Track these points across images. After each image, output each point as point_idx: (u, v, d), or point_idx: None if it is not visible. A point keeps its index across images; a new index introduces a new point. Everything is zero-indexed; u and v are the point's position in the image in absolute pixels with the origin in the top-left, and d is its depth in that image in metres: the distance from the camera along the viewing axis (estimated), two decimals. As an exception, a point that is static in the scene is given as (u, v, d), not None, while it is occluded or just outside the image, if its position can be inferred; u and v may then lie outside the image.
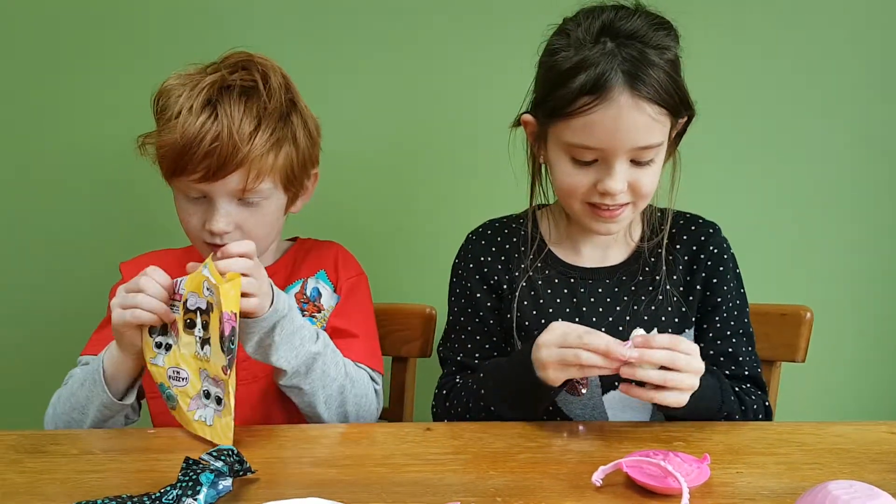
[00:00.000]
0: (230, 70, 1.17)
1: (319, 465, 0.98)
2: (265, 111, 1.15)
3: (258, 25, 1.61)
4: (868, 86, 1.61)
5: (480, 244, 1.24)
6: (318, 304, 1.26)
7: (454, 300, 1.25)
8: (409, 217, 1.69)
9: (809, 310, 1.32)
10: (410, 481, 0.93)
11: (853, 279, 1.69)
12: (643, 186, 1.09)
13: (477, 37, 1.60)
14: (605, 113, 1.04)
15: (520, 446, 1.01)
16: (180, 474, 0.89)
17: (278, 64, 1.21)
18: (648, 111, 1.04)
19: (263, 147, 1.14)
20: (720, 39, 1.59)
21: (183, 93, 1.14)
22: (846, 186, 1.65)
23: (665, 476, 0.88)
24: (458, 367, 1.22)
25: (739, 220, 1.60)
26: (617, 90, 1.03)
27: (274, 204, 1.20)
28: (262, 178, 1.15)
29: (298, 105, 1.21)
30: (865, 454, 0.97)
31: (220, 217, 1.15)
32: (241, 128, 1.12)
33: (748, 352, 1.18)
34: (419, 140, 1.66)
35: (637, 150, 1.06)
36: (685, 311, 1.17)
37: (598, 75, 1.03)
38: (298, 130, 1.20)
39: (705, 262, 1.18)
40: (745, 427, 1.07)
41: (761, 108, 1.62)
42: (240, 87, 1.15)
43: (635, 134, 1.05)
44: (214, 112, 1.13)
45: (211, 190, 1.15)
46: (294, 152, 1.19)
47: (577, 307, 1.18)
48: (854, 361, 1.72)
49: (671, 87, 1.05)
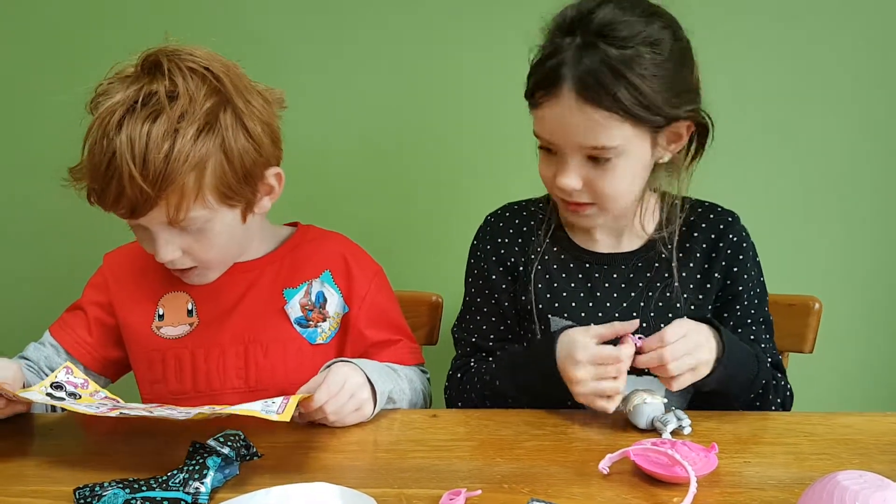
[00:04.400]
0: (138, 84, 1.02)
1: (326, 451, 0.98)
2: (175, 132, 1.00)
3: (257, 22, 1.61)
4: (884, 78, 1.60)
5: (498, 226, 1.24)
6: (323, 311, 1.20)
7: (471, 281, 1.25)
8: (415, 205, 1.69)
9: (818, 300, 1.31)
10: (417, 467, 0.93)
11: (861, 270, 1.68)
12: (602, 187, 1.07)
13: (489, 17, 1.59)
14: (552, 109, 1.04)
15: (527, 434, 1.01)
16: (187, 458, 0.89)
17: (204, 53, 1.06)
18: (594, 116, 1.01)
19: (177, 176, 1.00)
20: (736, 30, 1.58)
21: (94, 121, 1.03)
22: (857, 177, 1.64)
23: (672, 465, 0.88)
24: (472, 349, 1.22)
25: (749, 210, 1.59)
26: (565, 89, 1.02)
27: (219, 224, 1.08)
28: (186, 207, 1.02)
29: (232, 104, 1.04)
30: (875, 445, 0.97)
31: (161, 248, 1.07)
32: (147, 163, 0.99)
33: (768, 339, 1.18)
34: (423, 127, 1.65)
35: (590, 149, 1.05)
36: (702, 298, 1.17)
37: (552, 71, 1.02)
38: (231, 137, 1.03)
39: (724, 251, 1.17)
40: (752, 417, 1.06)
41: (774, 99, 1.61)
42: (143, 110, 1.00)
43: (581, 134, 1.03)
44: (114, 150, 0.99)
45: (142, 223, 1.06)
46: (225, 165, 1.04)
47: (591, 291, 1.18)
48: (862, 352, 1.72)
49: (631, 93, 1.00)
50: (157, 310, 1.19)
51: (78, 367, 1.16)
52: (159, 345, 1.18)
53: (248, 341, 1.18)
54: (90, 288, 1.23)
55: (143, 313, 1.19)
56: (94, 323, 1.21)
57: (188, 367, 1.18)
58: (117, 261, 1.24)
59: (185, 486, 0.86)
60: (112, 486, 0.85)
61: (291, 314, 1.19)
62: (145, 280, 1.20)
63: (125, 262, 1.23)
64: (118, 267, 1.23)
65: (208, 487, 0.86)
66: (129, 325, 1.20)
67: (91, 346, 1.21)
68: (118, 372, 1.25)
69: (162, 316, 1.19)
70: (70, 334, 1.20)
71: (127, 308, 1.20)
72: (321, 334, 1.20)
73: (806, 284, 1.42)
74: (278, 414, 0.90)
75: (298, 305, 1.19)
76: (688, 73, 1.07)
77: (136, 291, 1.20)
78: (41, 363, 1.18)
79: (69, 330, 1.21)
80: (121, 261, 1.24)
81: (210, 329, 1.18)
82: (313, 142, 1.60)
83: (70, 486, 0.87)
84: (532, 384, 1.08)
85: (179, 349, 1.18)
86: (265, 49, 1.59)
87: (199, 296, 1.19)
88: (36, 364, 1.18)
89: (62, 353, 1.19)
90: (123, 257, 1.24)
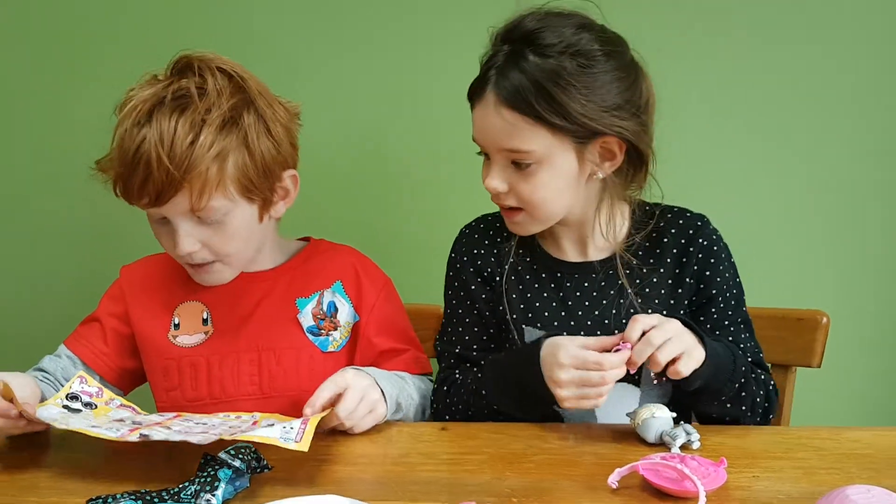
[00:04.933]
0: (168, 81, 1.09)
1: (336, 463, 0.98)
2: (202, 122, 1.06)
3: (264, 26, 1.64)
4: (892, 88, 1.60)
5: (473, 237, 1.26)
6: (334, 320, 1.22)
7: (451, 293, 1.26)
8: (422, 217, 1.70)
9: (826, 315, 1.31)
10: (426, 480, 0.93)
11: (870, 284, 1.68)
12: (524, 193, 1.11)
13: (474, 35, 1.60)
14: (479, 112, 1.11)
15: (536, 447, 1.02)
16: (198, 470, 0.90)
17: (232, 61, 1.13)
18: (507, 117, 1.07)
19: (201, 163, 1.06)
20: (733, 38, 1.59)
21: (124, 113, 1.08)
22: (866, 191, 1.65)
23: (681, 479, 0.88)
24: (456, 360, 1.23)
25: (757, 224, 1.61)
26: (488, 93, 1.08)
27: (238, 217, 1.12)
28: (208, 194, 1.07)
29: (256, 105, 1.11)
30: (883, 459, 0.97)
31: (181, 239, 1.10)
32: (174, 148, 1.04)
33: (748, 338, 1.18)
34: (436, 140, 1.67)
35: (509, 153, 1.09)
36: (673, 303, 1.18)
37: (482, 76, 1.10)
38: (253, 134, 1.10)
39: (696, 255, 1.18)
40: (761, 431, 1.07)
41: (781, 111, 1.62)
42: (172, 100, 1.07)
43: (498, 136, 1.09)
44: (144, 137, 1.06)
45: (164, 212, 1.10)
46: (247, 158, 1.09)
47: (563, 301, 1.19)
48: (870, 367, 1.71)
49: (548, 101, 1.04)
50: (173, 319, 1.21)
51: (94, 377, 1.17)
52: (175, 353, 1.20)
53: (262, 349, 1.20)
54: (107, 299, 1.25)
55: (159, 323, 1.21)
56: (110, 333, 1.23)
57: (203, 374, 1.20)
58: (134, 273, 1.26)
59: (196, 497, 0.86)
60: (124, 497, 0.86)
61: (304, 323, 1.21)
62: (161, 291, 1.23)
63: (142, 274, 1.26)
64: (135, 279, 1.25)
65: (219, 499, 0.86)
66: (144, 335, 1.22)
67: (108, 356, 1.22)
68: (133, 383, 1.27)
69: (178, 325, 1.21)
70: (87, 346, 1.22)
71: (143, 318, 1.22)
72: (332, 342, 1.22)
73: (814, 299, 1.41)
74: (296, 442, 0.91)
75: (310, 314, 1.22)
76: (623, 90, 1.08)
77: (151, 302, 1.23)
78: (57, 374, 1.19)
79: (85, 342, 1.22)
80: (137, 273, 1.26)
81: (225, 337, 1.21)
82: (321, 152, 1.61)
83: (83, 497, 0.87)
84: (515, 389, 1.09)
85: (195, 357, 1.20)
86: (273, 61, 1.61)
87: (213, 305, 1.22)
88: (52, 375, 1.19)
89: (79, 364, 1.21)
90: (140, 270, 1.26)
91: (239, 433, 0.93)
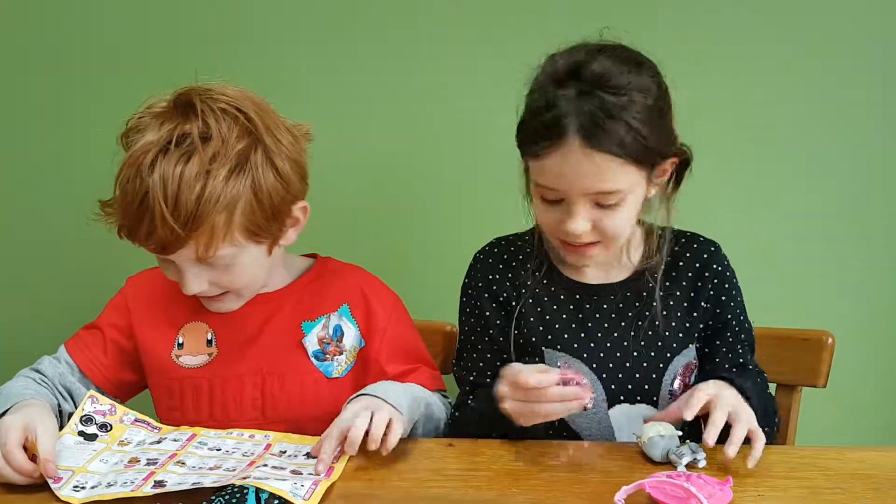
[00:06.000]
0: (172, 124, 1.04)
1: (343, 478, 0.99)
2: (207, 174, 1.02)
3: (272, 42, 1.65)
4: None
5: (488, 262, 1.26)
6: (340, 344, 1.21)
7: (464, 319, 1.26)
8: (429, 233, 1.71)
9: (831, 335, 1.32)
10: (434, 496, 0.94)
11: (875, 305, 1.68)
12: (608, 228, 1.10)
13: (487, 53, 1.63)
14: (557, 159, 1.05)
15: (542, 464, 1.02)
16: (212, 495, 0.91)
17: (236, 91, 1.09)
18: (600, 162, 1.04)
19: (207, 218, 1.02)
20: (741, 55, 1.60)
21: (127, 160, 1.05)
22: (871, 210, 1.65)
23: (687, 497, 0.88)
24: (471, 387, 1.23)
25: (762, 245, 1.62)
26: (570, 138, 1.03)
27: (246, 258, 1.10)
28: (215, 246, 1.05)
29: (262, 143, 1.07)
30: (889, 479, 0.97)
31: (189, 282, 1.09)
32: (178, 204, 1.01)
33: (751, 360, 1.22)
34: (440, 156, 1.68)
35: (595, 195, 1.07)
36: (689, 326, 1.20)
37: (554, 121, 1.04)
38: (261, 177, 1.06)
39: (711, 280, 1.20)
40: (767, 451, 1.06)
41: (784, 130, 1.63)
42: (176, 151, 1.02)
43: (589, 181, 1.06)
44: (147, 190, 1.02)
45: (172, 259, 1.08)
46: (255, 204, 1.06)
47: (582, 323, 1.20)
48: (876, 387, 1.71)
49: (631, 138, 1.04)
50: (178, 338, 1.21)
51: (88, 385, 1.18)
52: (178, 373, 1.19)
53: (266, 373, 1.19)
54: (110, 309, 1.24)
55: (163, 340, 1.20)
56: (110, 345, 1.22)
57: (205, 398, 1.19)
58: (140, 285, 1.25)
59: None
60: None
61: (309, 347, 1.20)
62: (166, 307, 1.22)
63: (148, 287, 1.24)
64: (140, 292, 1.24)
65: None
66: (148, 351, 1.21)
67: (106, 367, 1.21)
68: (130, 394, 1.25)
69: (181, 344, 1.20)
70: (86, 353, 1.21)
71: (147, 333, 1.21)
72: (337, 368, 1.21)
73: (819, 319, 1.42)
74: (304, 500, 0.90)
75: (316, 339, 1.21)
76: (670, 116, 1.11)
77: (156, 317, 1.22)
78: (55, 380, 1.17)
79: (85, 349, 1.21)
80: (143, 285, 1.25)
81: (229, 360, 1.19)
82: (329, 170, 1.62)
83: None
84: (492, 414, 1.08)
85: (197, 379, 1.19)
86: (282, 77, 1.63)
87: (218, 326, 1.21)
88: (51, 381, 1.17)
89: (76, 371, 1.19)
90: (146, 283, 1.25)
91: (252, 479, 0.92)
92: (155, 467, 0.99)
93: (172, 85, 1.11)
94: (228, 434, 1.10)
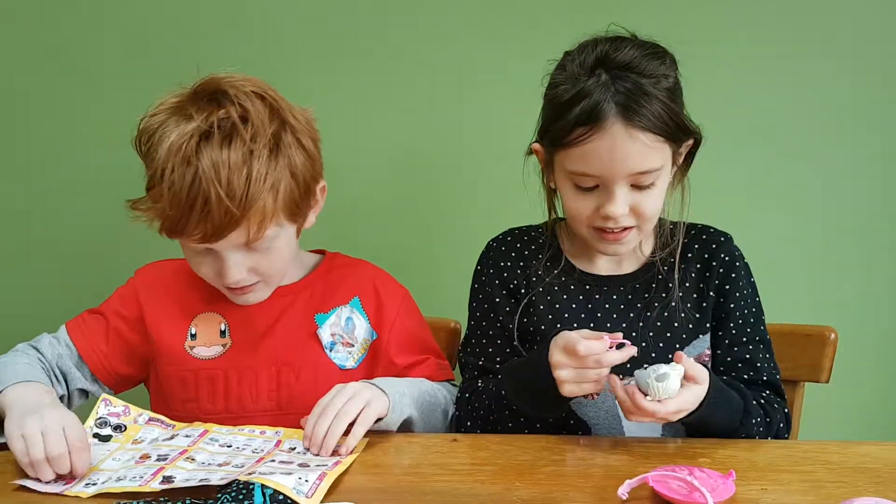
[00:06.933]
0: (205, 111, 1.06)
1: (350, 473, 0.99)
2: (252, 154, 1.05)
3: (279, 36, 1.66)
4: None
5: (501, 250, 1.27)
6: (351, 336, 1.23)
7: (475, 305, 1.27)
8: (435, 230, 1.71)
9: (834, 330, 1.32)
10: (437, 490, 0.95)
11: (877, 300, 1.69)
12: (646, 209, 1.12)
13: (499, 51, 1.63)
14: (600, 143, 1.07)
15: (546, 459, 1.03)
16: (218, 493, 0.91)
17: (255, 79, 1.12)
18: (642, 139, 1.07)
19: (258, 197, 1.05)
20: (745, 51, 1.61)
21: (163, 144, 1.05)
22: (873, 205, 1.66)
23: (690, 491, 0.89)
24: (479, 372, 1.24)
25: (764, 240, 1.62)
26: (610, 121, 1.06)
27: (284, 239, 1.14)
28: (265, 226, 1.08)
29: (288, 123, 1.11)
30: (891, 473, 0.97)
31: (230, 270, 1.11)
32: (231, 187, 1.03)
33: (766, 358, 1.20)
34: (449, 152, 1.68)
35: (636, 176, 1.09)
36: (699, 317, 1.20)
37: (592, 107, 1.07)
38: (294, 155, 1.10)
39: (717, 270, 1.21)
40: (769, 444, 1.08)
41: (787, 125, 1.63)
42: (219, 134, 1.05)
43: (631, 161, 1.08)
44: (197, 174, 1.03)
45: (215, 246, 1.10)
46: (293, 183, 1.10)
47: (591, 313, 1.21)
48: (878, 382, 1.72)
49: (665, 114, 1.08)
50: (190, 329, 1.21)
51: (84, 370, 1.18)
52: (193, 365, 1.20)
53: (281, 364, 1.20)
54: (117, 298, 1.24)
55: (176, 332, 1.21)
56: (112, 333, 1.22)
57: (221, 389, 1.20)
58: (151, 276, 1.26)
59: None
60: None
61: (323, 339, 1.22)
62: (178, 298, 1.23)
63: (158, 279, 1.25)
64: (151, 282, 1.25)
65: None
66: (162, 343, 1.21)
67: (104, 355, 1.21)
68: (123, 387, 1.25)
69: (195, 335, 1.21)
70: (88, 338, 1.21)
71: (160, 325, 1.21)
72: (349, 359, 1.22)
73: (822, 314, 1.43)
74: (307, 497, 0.90)
75: (329, 331, 1.22)
76: (683, 100, 1.15)
77: (168, 309, 1.22)
78: (53, 362, 1.17)
79: (88, 333, 1.21)
80: (154, 277, 1.25)
81: (243, 351, 1.21)
82: (337, 165, 1.63)
83: None
84: (530, 392, 1.10)
85: (213, 370, 1.20)
86: (289, 70, 1.62)
87: (232, 318, 1.22)
88: (49, 363, 1.17)
89: (74, 354, 1.19)
90: (157, 274, 1.26)
91: (257, 474, 0.93)
92: (165, 463, 0.99)
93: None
94: (240, 430, 1.11)
